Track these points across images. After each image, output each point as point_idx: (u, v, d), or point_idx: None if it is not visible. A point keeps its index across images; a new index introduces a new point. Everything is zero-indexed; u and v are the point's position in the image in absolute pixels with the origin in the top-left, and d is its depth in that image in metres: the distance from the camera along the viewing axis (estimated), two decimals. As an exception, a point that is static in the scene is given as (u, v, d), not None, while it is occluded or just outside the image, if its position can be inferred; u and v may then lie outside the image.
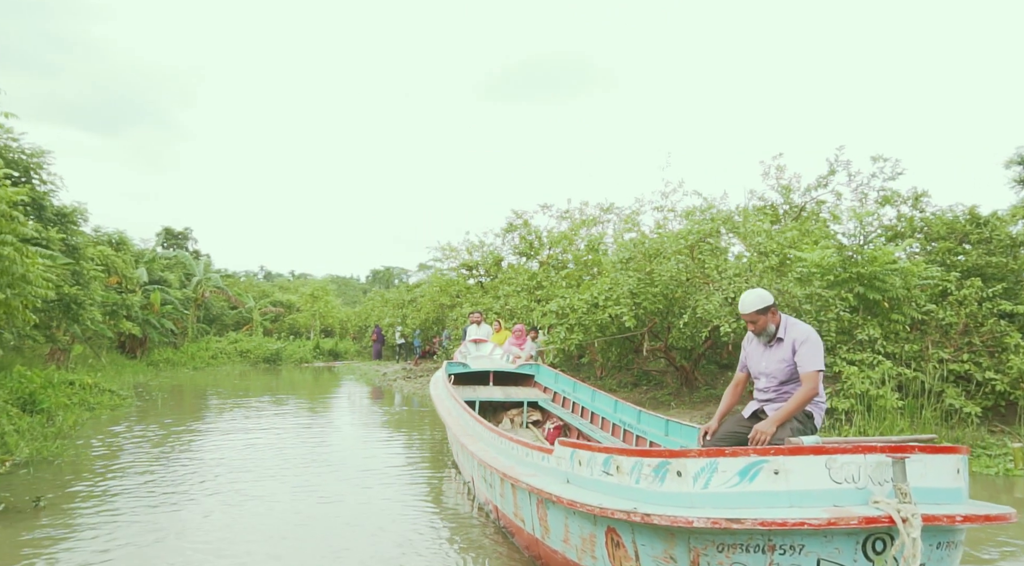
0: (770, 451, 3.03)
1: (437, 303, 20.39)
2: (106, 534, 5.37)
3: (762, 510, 2.90)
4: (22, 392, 11.27)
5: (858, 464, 3.01)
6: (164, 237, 39.76)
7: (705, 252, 10.66)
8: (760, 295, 4.21)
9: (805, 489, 2.97)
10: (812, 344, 4.06)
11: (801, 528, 2.75)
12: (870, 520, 2.77)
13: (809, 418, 4.12)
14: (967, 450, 3.27)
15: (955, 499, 3.11)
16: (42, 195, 17.77)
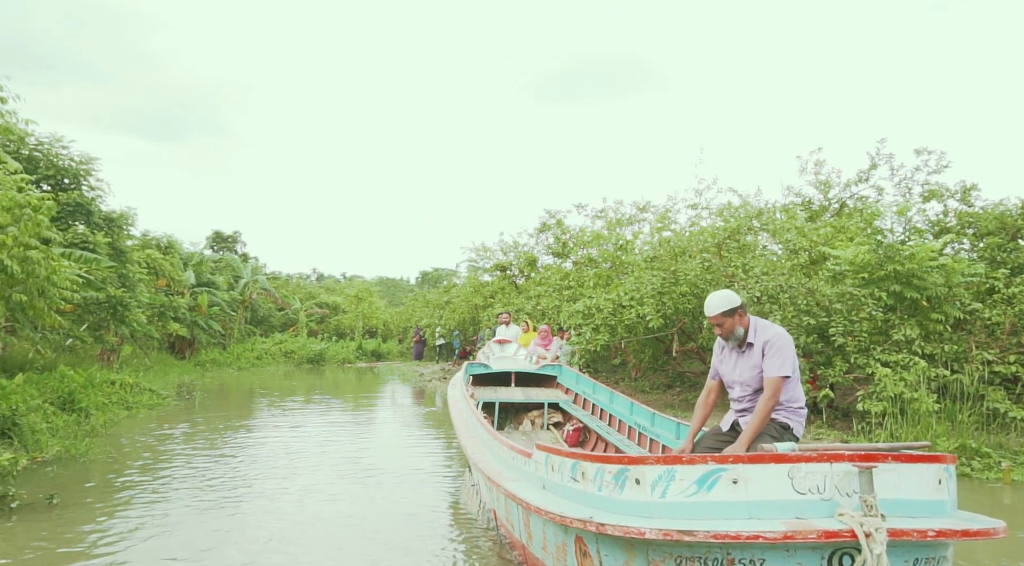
0: (728, 459, 2.85)
1: (471, 304, 20.38)
2: (110, 533, 5.45)
3: (719, 521, 2.73)
4: (62, 391, 11.62)
5: (823, 474, 2.80)
6: (214, 240, 40.77)
7: (732, 250, 10.34)
8: (725, 296, 3.96)
9: (765, 500, 2.78)
10: (779, 348, 3.80)
11: (756, 542, 2.57)
12: (830, 534, 2.58)
13: (786, 429, 3.87)
14: (953, 459, 3.03)
15: (935, 512, 2.88)
16: (89, 200, 18.37)
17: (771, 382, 3.74)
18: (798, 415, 3.93)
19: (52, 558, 4.85)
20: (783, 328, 4.06)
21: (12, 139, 17.87)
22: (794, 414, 3.91)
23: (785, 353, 3.79)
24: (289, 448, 9.38)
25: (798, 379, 3.96)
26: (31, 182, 17.94)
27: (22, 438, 8.48)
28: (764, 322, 4.01)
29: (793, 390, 3.90)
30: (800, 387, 3.99)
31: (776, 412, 3.86)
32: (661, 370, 15.57)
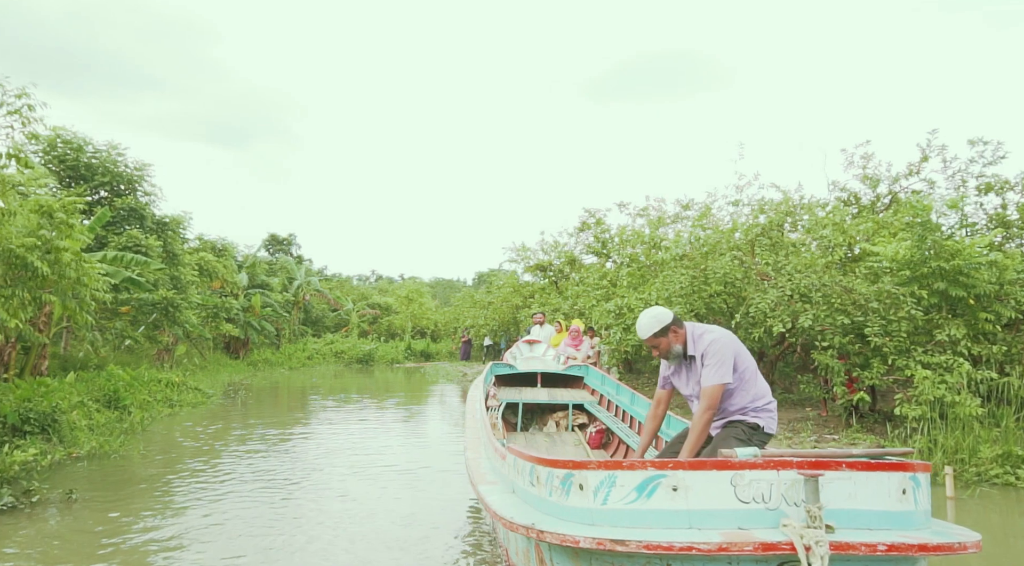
0: (668, 464, 2.68)
1: (511, 304, 20.33)
2: (117, 527, 5.58)
3: (658, 530, 2.57)
4: (108, 389, 12.05)
5: (769, 482, 2.62)
6: (269, 243, 41.81)
7: (764, 247, 9.99)
8: (654, 316, 3.71)
9: (706, 508, 2.62)
10: (714, 355, 3.59)
11: (690, 553, 2.41)
12: (768, 546, 2.40)
13: (755, 429, 3.66)
14: (923, 467, 2.79)
15: (897, 524, 2.66)
16: (143, 205, 19.04)
17: (706, 392, 3.53)
18: (767, 411, 3.72)
19: (58, 551, 4.98)
20: (724, 330, 3.80)
21: (72, 148, 18.69)
22: (762, 412, 3.70)
23: (721, 359, 3.56)
24: (324, 446, 9.48)
25: (755, 376, 3.75)
26: (91, 188, 18.76)
27: (60, 434, 8.81)
28: (702, 329, 3.76)
29: (752, 389, 3.70)
30: (761, 382, 3.77)
31: (743, 414, 3.67)
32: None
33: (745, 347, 3.83)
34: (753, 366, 3.76)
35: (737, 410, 3.67)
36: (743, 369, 3.68)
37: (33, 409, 8.78)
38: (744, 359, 3.71)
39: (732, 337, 3.73)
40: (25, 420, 8.62)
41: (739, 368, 3.67)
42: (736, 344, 3.70)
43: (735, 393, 3.68)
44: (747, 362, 3.72)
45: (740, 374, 3.67)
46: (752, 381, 3.70)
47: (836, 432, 9.12)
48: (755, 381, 3.71)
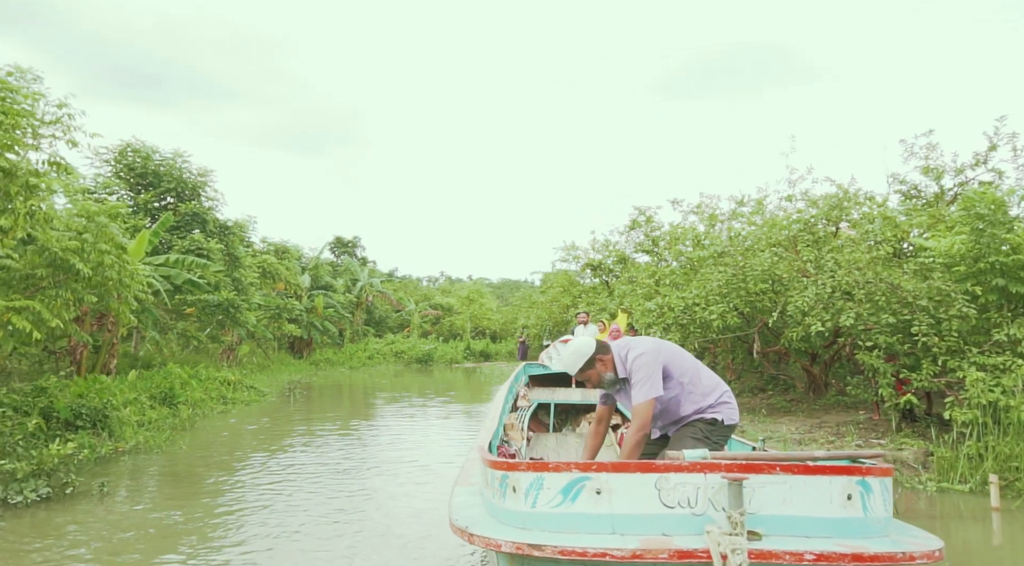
0: (592, 466, 2.56)
1: (561, 304, 20.20)
2: (139, 519, 5.77)
3: (581, 535, 2.46)
4: (164, 387, 12.54)
5: (696, 486, 2.46)
6: (335, 245, 42.79)
7: (807, 243, 9.57)
8: (575, 352, 3.53)
9: (630, 513, 2.48)
10: (638, 372, 3.40)
11: (603, 559, 2.29)
12: (684, 554, 2.26)
13: (714, 424, 3.47)
14: (881, 471, 2.57)
15: (841, 532, 2.47)
16: (206, 210, 19.77)
17: (635, 411, 3.35)
18: (724, 403, 3.54)
19: (78, 538, 5.19)
20: (650, 341, 3.59)
21: (140, 156, 19.58)
22: (719, 405, 3.52)
23: (647, 374, 3.37)
24: (361, 442, 9.62)
25: (697, 375, 3.55)
26: (158, 194, 19.61)
27: (110, 429, 9.22)
28: (627, 347, 3.56)
29: (699, 389, 3.51)
30: (707, 378, 3.59)
31: (701, 413, 3.49)
32: (755, 372, 14.76)
33: (681, 349, 3.65)
34: (694, 366, 3.59)
35: (693, 413, 3.50)
36: (680, 373, 3.49)
37: (85, 405, 9.22)
38: (679, 364, 3.52)
39: (659, 347, 3.53)
40: (77, 415, 9.05)
41: (675, 375, 3.48)
42: (665, 353, 3.51)
43: (683, 401, 3.50)
44: (684, 365, 3.54)
45: (678, 380, 3.48)
46: (695, 382, 3.51)
47: (884, 436, 8.67)
48: (699, 381, 3.53)
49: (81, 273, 7.50)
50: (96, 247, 7.74)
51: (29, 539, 5.24)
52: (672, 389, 3.47)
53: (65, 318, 7.63)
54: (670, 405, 3.49)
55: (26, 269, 7.47)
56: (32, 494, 6.17)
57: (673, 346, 3.62)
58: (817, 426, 9.68)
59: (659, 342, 3.60)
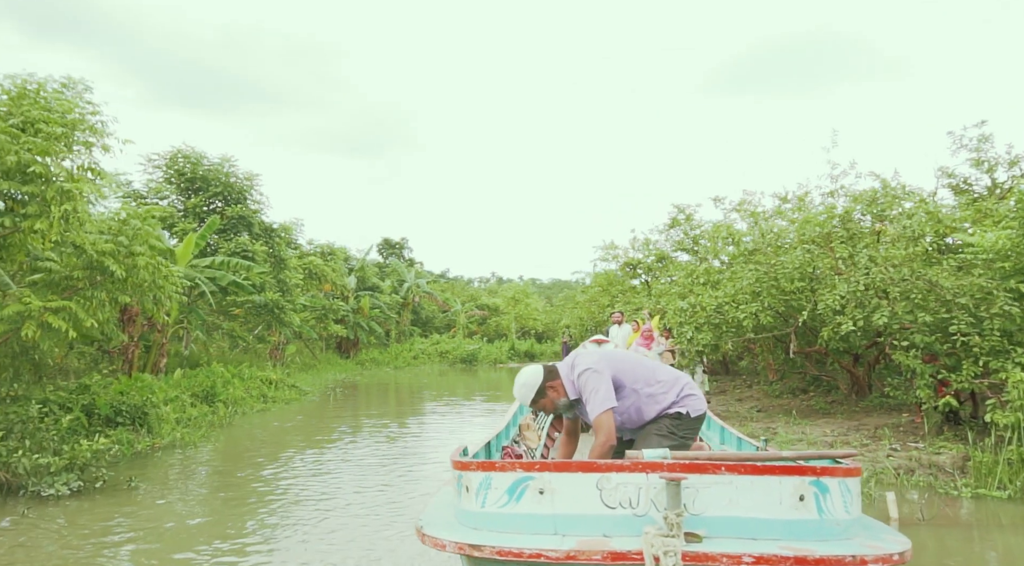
0: (535, 466, 2.51)
1: (600, 304, 20.05)
2: (160, 514, 5.94)
3: (524, 535, 2.42)
4: (207, 385, 12.90)
5: (638, 486, 2.39)
6: (383, 247, 43.38)
7: (840, 240, 9.25)
8: (524, 384, 3.42)
9: (572, 513, 2.43)
10: (586, 387, 3.31)
11: (538, 560, 2.25)
12: (617, 556, 2.19)
13: (679, 418, 3.37)
14: (843, 471, 2.45)
15: (792, 534, 2.36)
16: (252, 213, 20.26)
17: (597, 425, 3.26)
18: (687, 395, 3.44)
19: (99, 527, 5.37)
20: (593, 353, 3.48)
21: (190, 161, 20.20)
22: (684, 399, 3.42)
23: (595, 387, 3.27)
24: (387, 441, 9.72)
25: (652, 376, 3.45)
26: (206, 198, 20.19)
27: (149, 426, 9.52)
28: (571, 366, 3.46)
29: (654, 388, 3.40)
30: (663, 374, 3.49)
31: (666, 410, 3.40)
32: (798, 373, 14.37)
33: (630, 355, 3.55)
34: (647, 369, 3.49)
35: (657, 414, 3.41)
36: (633, 380, 3.39)
37: (125, 403, 9.54)
38: (630, 371, 3.42)
39: (604, 358, 3.44)
40: (117, 412, 9.37)
41: (627, 383, 3.38)
42: (613, 363, 3.41)
43: (643, 406, 3.41)
44: (636, 372, 3.44)
45: (631, 388, 3.39)
46: (651, 384, 3.42)
47: (923, 440, 8.33)
48: (655, 382, 3.42)
49: (115, 274, 7.75)
50: (131, 249, 7.99)
51: (56, 530, 5.45)
52: (628, 397, 3.38)
53: (100, 318, 7.89)
54: (631, 412, 3.40)
55: (64, 271, 7.77)
56: (63, 487, 6.42)
57: (621, 354, 3.55)
58: (854, 429, 9.36)
59: (605, 353, 3.52)
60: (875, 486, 6.62)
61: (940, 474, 7.16)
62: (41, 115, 7.35)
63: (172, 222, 18.44)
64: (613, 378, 3.34)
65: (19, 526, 5.56)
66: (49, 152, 7.03)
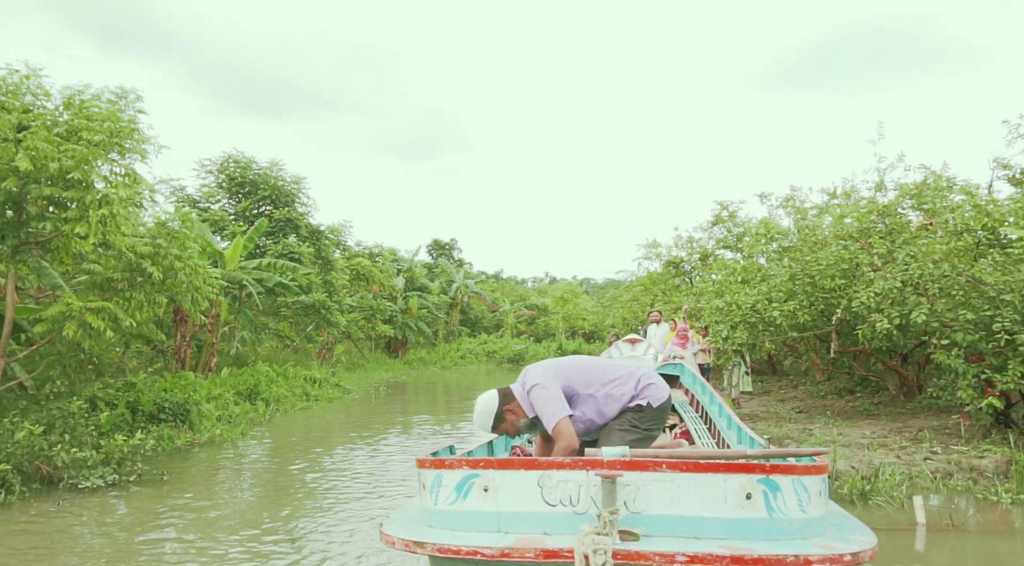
0: (479, 463, 2.50)
1: (642, 303, 19.82)
2: (189, 507, 6.14)
3: (471, 533, 2.42)
4: (251, 383, 13.26)
5: (578, 483, 2.35)
6: (432, 247, 43.79)
7: (880, 235, 8.90)
8: (482, 412, 3.37)
9: (515, 511, 2.42)
10: (537, 402, 3.25)
11: (475, 558, 2.24)
12: (549, 553, 2.16)
13: (641, 410, 3.31)
14: (800, 469, 2.35)
15: (739, 533, 2.29)
16: (299, 216, 20.73)
17: (555, 434, 3.18)
18: (646, 385, 3.38)
19: (127, 520, 5.58)
20: (538, 365, 3.45)
21: (240, 165, 20.80)
22: (644, 389, 3.36)
23: (545, 400, 3.22)
24: (414, 440, 9.83)
25: (604, 375, 3.40)
26: (254, 202, 20.75)
27: (191, 423, 9.85)
28: (522, 384, 3.41)
29: (611, 388, 3.33)
30: (616, 371, 3.45)
31: (627, 405, 3.35)
32: (845, 373, 13.94)
33: (580, 359, 3.53)
34: (599, 370, 3.45)
35: (619, 411, 3.35)
36: (586, 386, 3.34)
37: (168, 400, 9.89)
38: (582, 377, 3.37)
39: (553, 369, 3.39)
40: (160, 409, 9.73)
41: (580, 390, 3.33)
42: (562, 372, 3.36)
43: (603, 408, 3.36)
44: (588, 376, 3.39)
45: (587, 394, 3.34)
46: (606, 384, 3.37)
47: (968, 443, 7.98)
48: (610, 382, 3.37)
49: (153, 276, 8.04)
50: (169, 251, 8.27)
51: (89, 520, 5.69)
52: (586, 402, 3.34)
53: (139, 318, 8.19)
54: (593, 415, 3.36)
55: (105, 273, 8.10)
56: (99, 480, 6.69)
57: (571, 361, 3.49)
58: (896, 431, 9.02)
59: (553, 363, 3.47)
60: (907, 489, 6.38)
61: (981, 479, 6.85)
62: (83, 124, 7.69)
63: (223, 225, 19.03)
64: (566, 387, 3.30)
65: (58, 515, 5.83)
66: (88, 159, 7.33)
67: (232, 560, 4.75)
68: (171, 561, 4.75)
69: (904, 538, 5.30)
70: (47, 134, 7.25)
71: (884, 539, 5.27)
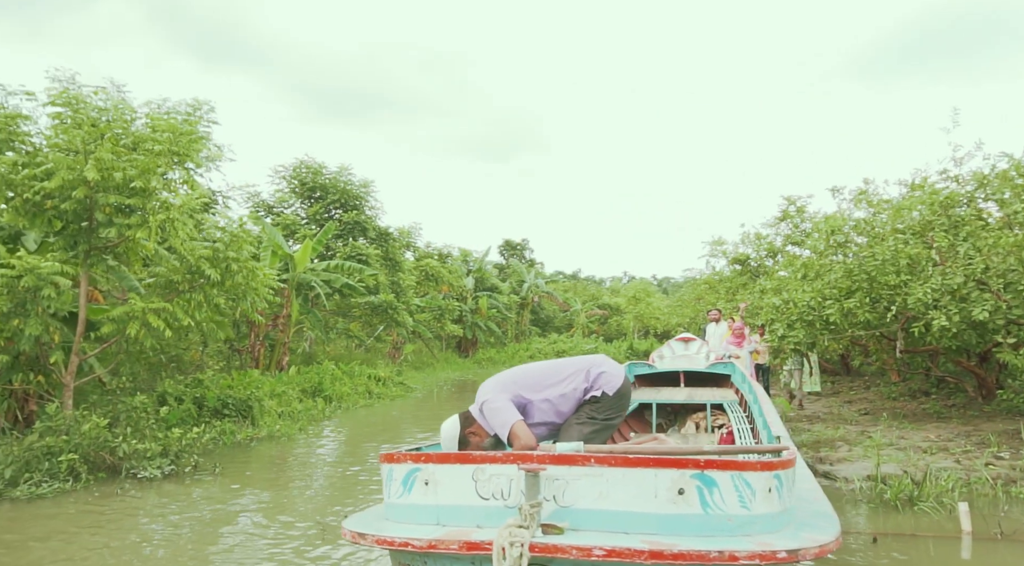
0: (421, 457, 2.54)
1: (707, 301, 19.35)
2: (234, 498, 6.43)
3: (412, 525, 2.49)
4: (315, 381, 13.73)
5: (509, 477, 2.36)
6: (504, 248, 44.08)
7: (940, 228, 8.42)
8: (446, 437, 3.37)
9: (453, 504, 2.48)
10: (488, 417, 3.24)
11: (406, 549, 2.30)
12: (471, 545, 2.18)
13: (597, 401, 3.30)
14: (735, 464, 2.26)
15: (672, 529, 2.25)
16: (367, 219, 21.29)
17: (511, 441, 3.16)
18: (598, 375, 3.36)
19: (173, 506, 5.91)
20: (488, 381, 3.42)
21: (312, 171, 21.54)
22: (596, 381, 3.33)
23: (494, 411, 3.22)
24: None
25: (554, 375, 3.39)
26: (325, 206, 21.43)
27: (253, 418, 10.29)
28: (477, 402, 3.40)
29: (564, 388, 3.31)
30: (568, 367, 3.44)
31: (583, 399, 3.35)
32: (921, 373, 13.25)
33: (527, 367, 3.53)
34: (545, 371, 3.44)
35: (577, 403, 3.33)
36: (537, 392, 3.33)
37: (232, 396, 10.37)
38: (531, 385, 3.36)
39: (493, 382, 3.40)
40: (224, 405, 10.21)
41: (533, 398, 3.31)
42: (509, 384, 3.36)
43: (560, 408, 3.36)
44: (536, 378, 3.39)
45: (541, 400, 3.32)
46: (556, 382, 3.36)
47: (1039, 448, 7.48)
48: (559, 378, 3.37)
49: (211, 278, 8.46)
50: (226, 254, 8.67)
51: (147, 507, 6.05)
52: (541, 407, 3.33)
53: (198, 318, 8.63)
54: (552, 417, 3.36)
55: (167, 275, 8.57)
56: (157, 471, 7.09)
57: (518, 370, 3.49)
58: (964, 435, 8.53)
59: (500, 377, 3.47)
60: (959, 495, 6.03)
61: (1046, 486, 6.41)
62: (146, 135, 8.18)
63: (294, 229, 19.76)
64: (516, 396, 3.30)
65: (120, 500, 6.24)
66: (150, 168, 7.78)
67: (261, 545, 4.96)
68: (207, 541, 5.01)
69: (947, 546, 5.03)
70: (113, 146, 7.74)
71: (925, 547, 5.03)
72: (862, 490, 6.38)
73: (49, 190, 7.50)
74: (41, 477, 6.55)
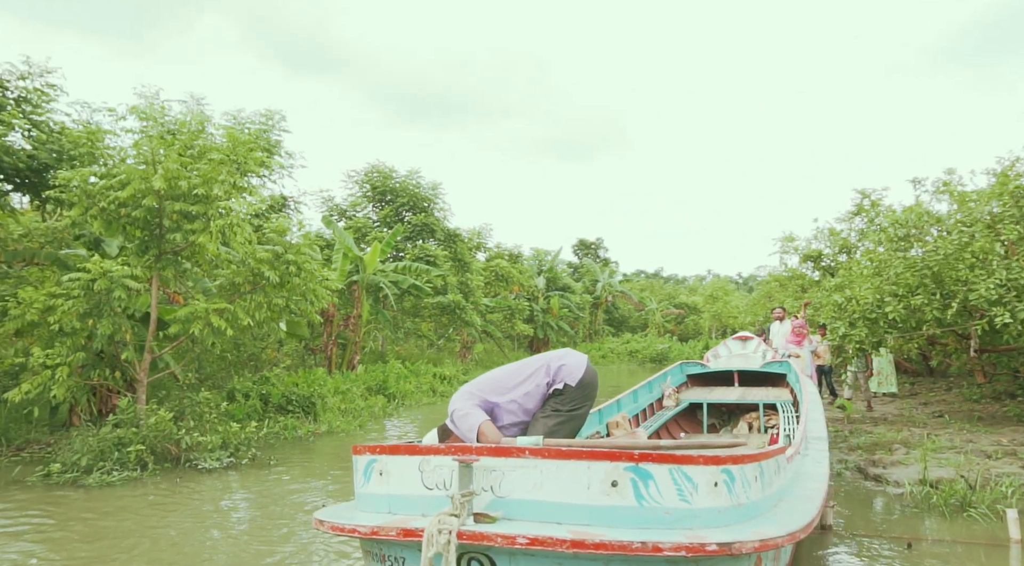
0: (376, 449, 2.66)
1: (778, 300, 18.71)
2: (284, 490, 6.74)
3: (369, 514, 2.60)
4: (379, 379, 14.14)
5: (450, 468, 2.41)
6: (578, 247, 44.01)
7: (1011, 220, 7.91)
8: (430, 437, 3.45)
9: (402, 494, 2.59)
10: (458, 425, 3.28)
11: (354, 535, 2.44)
12: (408, 532, 2.27)
13: (562, 393, 3.31)
14: (672, 458, 2.24)
15: (606, 520, 2.27)
16: (436, 221, 21.70)
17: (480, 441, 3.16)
18: (558, 369, 3.36)
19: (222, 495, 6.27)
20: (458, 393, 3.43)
21: (382, 175, 22.14)
22: (556, 372, 3.35)
23: (460, 421, 3.27)
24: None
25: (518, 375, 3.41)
26: (395, 209, 21.98)
27: (315, 414, 10.72)
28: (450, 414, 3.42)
29: (528, 386, 3.33)
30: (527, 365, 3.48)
31: (546, 394, 3.38)
32: (1010, 374, 12.48)
33: (492, 374, 3.55)
34: (508, 372, 3.48)
35: (542, 399, 3.34)
36: (503, 391, 3.37)
37: (296, 393, 10.83)
38: (494, 386, 3.41)
39: (461, 392, 3.43)
40: (288, 401, 10.67)
41: (499, 398, 3.35)
42: (472, 393, 3.39)
43: (527, 404, 3.38)
44: (499, 381, 3.43)
45: (509, 402, 3.35)
46: (519, 383, 3.39)
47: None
48: (522, 378, 3.39)
49: (271, 280, 8.88)
50: (285, 257, 9.08)
51: (206, 496, 6.45)
52: (509, 408, 3.37)
53: (258, 318, 9.06)
54: (522, 417, 3.40)
55: (230, 277, 9.05)
56: (216, 462, 7.51)
57: (482, 377, 3.53)
58: (1040, 439, 8.01)
59: (466, 387, 3.50)
60: (1016, 502, 5.69)
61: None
62: (210, 145, 8.66)
63: (365, 231, 20.36)
64: (483, 402, 3.36)
65: (182, 488, 6.67)
66: (212, 177, 8.24)
67: (294, 532, 5.21)
68: (258, 527, 5.30)
69: (991, 555, 4.78)
70: (180, 156, 8.25)
71: (967, 555, 4.78)
72: (911, 494, 6.10)
73: (123, 199, 8.05)
74: (112, 466, 7.05)
